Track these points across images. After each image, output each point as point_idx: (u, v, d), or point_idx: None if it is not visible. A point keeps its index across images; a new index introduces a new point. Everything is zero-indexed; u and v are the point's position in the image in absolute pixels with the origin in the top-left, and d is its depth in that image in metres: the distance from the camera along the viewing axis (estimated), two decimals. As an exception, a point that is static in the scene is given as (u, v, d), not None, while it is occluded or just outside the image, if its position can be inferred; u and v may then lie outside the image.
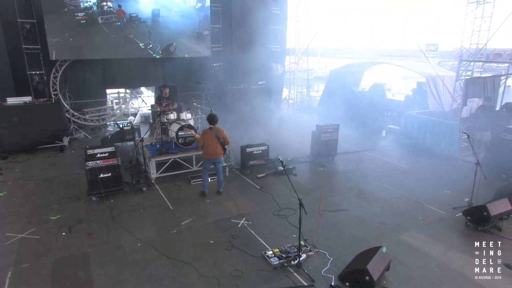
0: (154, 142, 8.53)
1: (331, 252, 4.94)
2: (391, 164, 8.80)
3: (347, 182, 7.59)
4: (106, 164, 6.57)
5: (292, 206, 6.21)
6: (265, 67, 14.02)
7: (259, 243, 5.16)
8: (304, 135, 10.44)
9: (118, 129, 10.50)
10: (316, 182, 7.58)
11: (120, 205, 6.37)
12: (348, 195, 6.94)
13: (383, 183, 7.54)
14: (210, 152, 6.48)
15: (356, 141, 10.48)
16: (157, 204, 6.42)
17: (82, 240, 5.24)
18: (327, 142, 8.72)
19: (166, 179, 7.55)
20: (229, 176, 7.72)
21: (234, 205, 6.35)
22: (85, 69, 11.70)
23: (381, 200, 6.73)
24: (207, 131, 6.49)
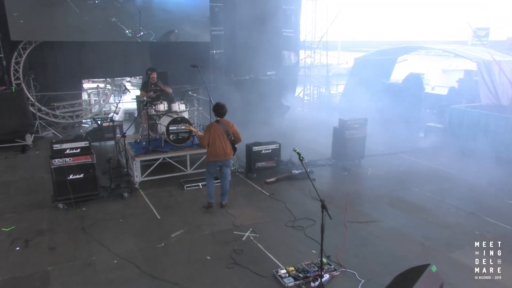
0: (139, 139, 8.39)
1: (361, 273, 4.72)
2: (433, 168, 8.66)
3: (378, 188, 7.41)
4: (77, 162, 6.37)
5: (310, 216, 6.08)
6: (275, 55, 13.94)
7: (268, 259, 5.00)
8: (323, 135, 10.43)
9: (95, 126, 10.29)
10: (339, 188, 7.46)
11: (93, 214, 6.24)
12: (379, 203, 6.76)
13: (424, 190, 7.33)
14: (217, 152, 6.08)
15: (387, 142, 10.38)
16: (141, 213, 6.30)
17: (41, 256, 5.06)
18: (352, 140, 8.54)
19: (153, 183, 7.47)
20: (231, 180, 7.43)
21: (238, 214, 6.20)
22: (56, 55, 11.63)
23: (423, 211, 6.51)
24: (213, 125, 6.14)
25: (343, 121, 8.51)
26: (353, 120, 8.51)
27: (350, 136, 8.50)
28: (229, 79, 12.72)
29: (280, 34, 14.24)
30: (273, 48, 13.53)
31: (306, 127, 12.21)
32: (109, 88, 13.35)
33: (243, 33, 13.18)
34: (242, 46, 13.22)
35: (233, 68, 13.30)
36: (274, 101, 12.44)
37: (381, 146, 10.04)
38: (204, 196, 6.91)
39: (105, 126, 10.15)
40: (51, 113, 11.76)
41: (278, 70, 13.90)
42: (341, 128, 8.55)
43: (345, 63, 28.91)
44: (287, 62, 14.86)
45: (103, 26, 11.19)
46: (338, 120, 8.69)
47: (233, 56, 13.50)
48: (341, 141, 8.55)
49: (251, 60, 13.00)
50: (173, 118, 7.81)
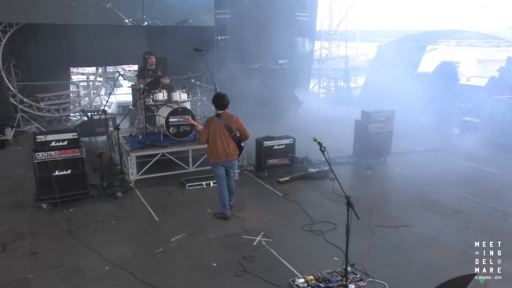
0: (135, 133, 8.36)
1: (393, 283, 4.60)
2: (471, 167, 8.52)
3: (407, 190, 7.32)
4: (64, 156, 6.30)
5: (330, 219, 6.03)
6: (288, 42, 13.82)
7: (283, 267, 4.92)
8: (342, 131, 10.52)
9: (85, 119, 10.22)
10: (363, 189, 7.37)
11: (82, 215, 6.19)
12: (410, 206, 6.68)
13: (463, 192, 7.20)
14: (218, 152, 5.81)
15: (416, 138, 10.31)
16: (136, 214, 6.27)
17: (21, 262, 4.99)
18: (377, 136, 8.43)
19: (150, 182, 7.44)
20: (239, 179, 7.45)
21: (247, 216, 6.16)
22: (40, 39, 11.56)
23: (462, 215, 6.39)
24: (213, 119, 5.86)
25: (367, 113, 8.37)
26: (377, 112, 8.39)
27: (375, 130, 8.38)
28: (236, 68, 12.66)
29: (293, 18, 14.11)
30: (285, 34, 13.37)
31: (323, 121, 12.04)
32: (100, 80, 13.30)
33: (251, 17, 13.08)
34: (251, 32, 13.14)
35: (240, 56, 13.20)
36: (287, 93, 12.34)
37: (409, 143, 9.93)
38: (208, 196, 6.88)
39: (96, 120, 10.09)
40: (35, 106, 11.70)
41: (290, 59, 13.80)
42: (364, 122, 8.41)
43: (364, 55, 28.86)
44: (301, 50, 14.80)
45: (95, 11, 11.12)
46: (361, 112, 8.57)
47: (240, 42, 13.40)
48: (364, 136, 8.42)
49: (261, 47, 12.91)
50: (173, 108, 7.74)
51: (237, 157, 6.09)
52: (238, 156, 6.13)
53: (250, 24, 13.15)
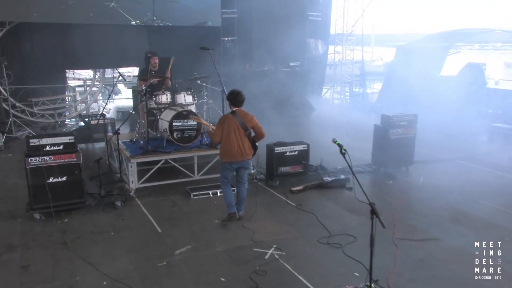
0: (136, 138, 8.34)
1: None
2: (504, 177, 8.43)
3: (433, 200, 7.23)
4: (59, 162, 6.27)
5: (349, 231, 5.99)
6: (299, 43, 13.86)
7: (299, 283, 4.85)
8: (358, 138, 10.41)
9: (81, 124, 10.22)
10: (384, 199, 7.27)
11: (78, 226, 6.16)
12: (438, 218, 6.57)
13: (496, 203, 7.07)
14: (232, 150, 5.90)
15: (440, 146, 10.31)
16: (137, 225, 6.25)
17: (10, 276, 4.95)
18: (398, 142, 8.36)
19: (152, 191, 7.45)
20: (249, 188, 7.29)
21: (257, 227, 6.10)
22: (34, 39, 11.62)
23: (496, 228, 6.25)
24: (228, 117, 5.98)
25: (387, 117, 8.29)
26: (399, 116, 8.33)
27: (396, 136, 8.31)
28: (244, 70, 12.70)
29: (306, 18, 14.16)
30: (296, 35, 13.37)
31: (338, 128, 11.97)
32: (97, 84, 13.34)
33: (260, 16, 13.14)
34: (259, 32, 13.17)
35: (248, 58, 13.25)
36: (298, 97, 12.28)
37: (433, 151, 9.88)
38: (215, 206, 6.82)
39: (93, 125, 10.09)
40: (28, 111, 11.75)
41: (302, 62, 13.84)
42: (384, 126, 8.33)
43: (380, 60, 28.96)
44: (314, 52, 14.79)
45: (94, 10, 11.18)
46: (381, 116, 8.50)
47: (249, 43, 13.43)
48: (384, 143, 8.33)
49: (270, 49, 12.96)
50: (177, 111, 7.71)
51: (251, 156, 6.15)
52: (252, 155, 6.20)
53: (259, 24, 13.19)
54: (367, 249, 4.26)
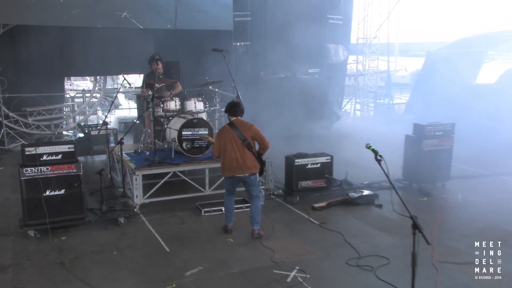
0: (141, 149, 8.33)
1: None
2: None
3: (476, 220, 7.07)
4: (57, 173, 6.26)
5: (381, 252, 5.89)
6: (318, 49, 14.00)
7: None
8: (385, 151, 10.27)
9: (80, 135, 10.25)
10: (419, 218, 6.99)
11: (77, 244, 6.14)
12: (482, 240, 6.15)
13: None
14: (230, 163, 6.06)
15: (478, 160, 10.30)
16: (142, 244, 6.25)
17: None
18: (433, 154, 8.29)
19: (159, 206, 7.46)
20: (266, 205, 7.47)
21: (277, 247, 6.05)
22: (30, 44, 11.68)
23: None
24: (224, 128, 6.21)
25: (420, 126, 8.22)
26: (434, 125, 8.30)
27: (430, 147, 8.24)
28: (259, 78, 12.80)
29: (325, 22, 14.28)
30: (315, 39, 13.47)
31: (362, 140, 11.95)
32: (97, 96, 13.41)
33: (275, 19, 13.25)
34: (275, 36, 13.29)
35: (263, 64, 13.35)
36: (320, 106, 12.27)
37: (472, 165, 9.86)
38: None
39: (93, 136, 10.13)
40: (22, 121, 11.80)
41: (322, 68, 13.92)
42: (417, 137, 8.25)
43: (404, 70, 29.11)
44: (334, 58, 14.81)
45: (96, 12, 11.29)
46: (413, 126, 8.44)
47: (263, 48, 13.55)
48: (417, 155, 8.23)
49: (287, 55, 13.00)
50: (187, 119, 7.73)
51: (257, 171, 6.17)
52: (260, 172, 6.24)
53: (274, 28, 13.31)
54: (403, 272, 4.23)
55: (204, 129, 7.77)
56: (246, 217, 6.86)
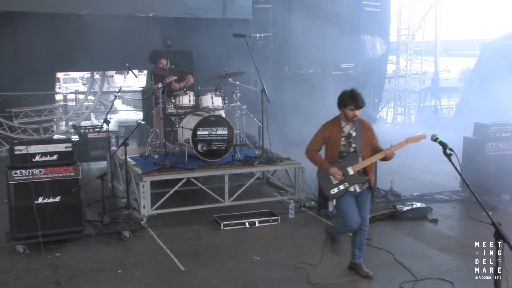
0: (148, 152, 8.36)
1: None
2: None
3: None
4: (52, 177, 6.26)
5: (442, 275, 5.86)
6: (352, 41, 13.96)
7: None
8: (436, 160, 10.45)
9: (76, 138, 10.32)
10: (482, 236, 6.83)
11: (75, 262, 6.15)
12: None
13: None
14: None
15: None
16: (152, 262, 6.28)
17: None
18: (499, 160, 8.28)
19: (169, 219, 7.54)
20: (297, 218, 7.69)
21: (313, 267, 6.04)
22: (17, 34, 11.71)
23: None
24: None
25: (483, 126, 8.21)
26: (500, 125, 8.26)
27: (495, 151, 8.20)
28: (282, 73, 12.84)
29: (360, 9, 14.28)
30: (348, 30, 13.47)
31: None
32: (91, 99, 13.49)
33: (301, 6, 13.26)
34: (300, 27, 13.20)
35: (287, 58, 13.38)
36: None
37: None
38: (254, 240, 6.83)
39: (90, 139, 10.14)
40: (6, 124, 11.83)
41: (356, 63, 13.88)
42: (479, 139, 8.24)
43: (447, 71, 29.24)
44: (370, 52, 14.76)
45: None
46: (473, 126, 8.43)
47: (287, 41, 13.57)
48: (479, 161, 8.17)
49: (315, 48, 13.02)
50: (203, 117, 7.76)
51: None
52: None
53: (300, 17, 13.21)
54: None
55: (224, 129, 7.77)
56: (272, 231, 7.02)
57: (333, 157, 5.54)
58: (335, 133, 5.53)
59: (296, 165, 7.99)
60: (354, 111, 5.40)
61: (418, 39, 17.03)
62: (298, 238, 6.83)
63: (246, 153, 8.38)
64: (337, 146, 5.51)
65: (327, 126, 5.66)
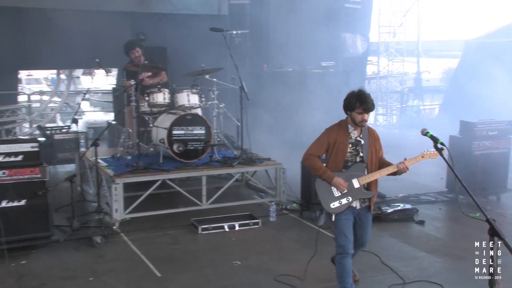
0: (120, 154, 8.30)
1: None
2: None
3: None
4: (17, 179, 6.20)
5: (431, 278, 5.87)
6: (333, 39, 13.94)
7: None
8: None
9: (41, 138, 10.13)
10: (470, 237, 6.91)
11: (42, 269, 6.09)
12: None
13: None
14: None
15: None
16: (125, 268, 6.23)
17: None
18: (486, 159, 8.33)
19: (144, 223, 7.48)
20: (278, 221, 7.67)
21: (297, 271, 5.98)
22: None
23: None
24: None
25: (469, 124, 8.29)
26: (487, 123, 8.33)
27: (482, 150, 8.27)
28: (261, 72, 12.86)
29: (340, 6, 14.31)
30: (328, 29, 13.44)
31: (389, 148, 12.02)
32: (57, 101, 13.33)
33: (280, 3, 13.28)
34: (278, 24, 13.28)
35: (265, 56, 13.39)
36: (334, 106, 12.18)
37: None
38: (234, 244, 6.78)
39: (57, 140, 9.96)
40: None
41: (337, 61, 13.93)
42: (465, 138, 8.31)
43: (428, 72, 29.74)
44: (351, 50, 14.80)
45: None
46: (459, 124, 8.49)
47: (265, 38, 13.56)
48: (466, 160, 8.22)
49: (294, 45, 13.04)
50: (179, 116, 7.73)
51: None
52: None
53: (278, 13, 13.29)
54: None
55: (201, 128, 7.75)
56: (253, 234, 7.02)
57: (336, 166, 5.00)
58: (342, 138, 4.97)
59: (277, 165, 7.99)
60: (362, 114, 4.85)
61: (399, 37, 17.23)
62: (280, 242, 6.83)
63: (224, 154, 8.37)
64: (343, 153, 4.96)
65: (332, 130, 5.08)
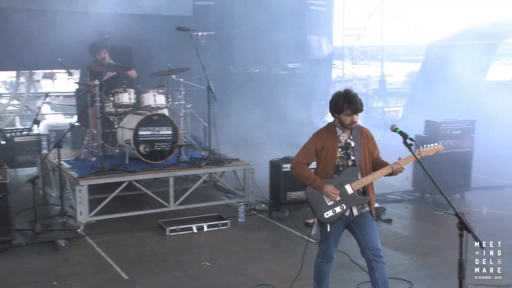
0: (84, 155, 8.21)
1: None
2: None
3: (509, 237, 7.14)
4: None
5: (399, 275, 5.89)
6: (299, 41, 14.13)
7: None
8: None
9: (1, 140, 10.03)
10: (436, 235, 7.36)
11: (3, 275, 6.02)
12: None
13: None
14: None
15: (498, 169, 10.61)
16: (91, 271, 6.17)
17: None
18: (450, 158, 8.39)
19: (109, 226, 7.41)
20: (247, 222, 7.67)
21: (267, 270, 6.13)
22: None
23: None
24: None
25: (434, 123, 8.35)
26: (450, 122, 8.40)
27: (447, 149, 8.11)
28: (227, 73, 12.90)
29: (306, 8, 14.44)
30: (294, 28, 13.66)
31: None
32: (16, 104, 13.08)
33: (245, 3, 13.33)
34: (244, 25, 13.38)
35: (231, 58, 13.44)
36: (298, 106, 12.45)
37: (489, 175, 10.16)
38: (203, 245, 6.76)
39: (17, 143, 9.81)
40: None
41: (303, 63, 14.04)
42: (430, 137, 8.19)
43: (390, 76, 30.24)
44: (316, 52, 14.93)
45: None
46: (424, 123, 8.56)
47: (231, 39, 13.62)
48: (431, 159, 7.91)
49: (260, 47, 13.10)
50: (145, 116, 7.68)
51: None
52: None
53: (244, 14, 13.37)
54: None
55: (167, 128, 7.71)
56: (222, 235, 6.99)
57: (327, 172, 4.72)
58: (330, 142, 4.69)
59: (245, 166, 8.00)
60: (352, 116, 4.59)
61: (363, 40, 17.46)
62: (249, 242, 6.84)
63: (192, 155, 8.34)
64: (332, 158, 4.68)
65: (319, 135, 4.82)
